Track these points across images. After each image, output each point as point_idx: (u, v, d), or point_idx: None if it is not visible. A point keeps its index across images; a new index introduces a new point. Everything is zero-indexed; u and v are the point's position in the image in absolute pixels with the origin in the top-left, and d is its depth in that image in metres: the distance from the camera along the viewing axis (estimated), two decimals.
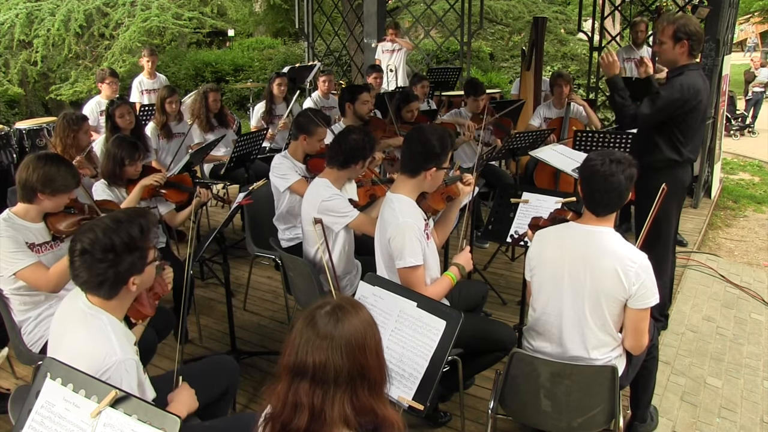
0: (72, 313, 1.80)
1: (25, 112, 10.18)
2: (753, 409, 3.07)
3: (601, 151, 2.22)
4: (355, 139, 2.90)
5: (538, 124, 5.26)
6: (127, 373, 1.67)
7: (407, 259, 2.32)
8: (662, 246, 3.40)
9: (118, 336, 1.72)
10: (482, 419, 2.80)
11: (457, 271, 2.46)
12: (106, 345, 1.68)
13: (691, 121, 3.14)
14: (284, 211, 3.50)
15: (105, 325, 1.73)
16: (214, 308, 3.96)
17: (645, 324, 2.16)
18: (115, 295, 1.76)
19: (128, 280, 1.75)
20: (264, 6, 15.21)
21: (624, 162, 2.12)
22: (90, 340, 1.70)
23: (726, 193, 7.04)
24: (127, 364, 1.68)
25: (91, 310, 1.76)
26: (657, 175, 3.21)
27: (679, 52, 3.09)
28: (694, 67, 3.13)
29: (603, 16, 8.08)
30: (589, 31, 8.30)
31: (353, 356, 1.29)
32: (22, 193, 2.51)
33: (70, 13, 8.43)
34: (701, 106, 3.12)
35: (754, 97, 11.92)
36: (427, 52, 12.20)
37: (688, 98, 3.04)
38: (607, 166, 2.10)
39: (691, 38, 3.04)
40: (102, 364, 1.64)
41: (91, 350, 1.68)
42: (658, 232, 3.32)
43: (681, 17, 3.13)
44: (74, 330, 1.76)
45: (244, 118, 9.80)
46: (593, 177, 2.13)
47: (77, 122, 3.74)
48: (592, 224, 2.19)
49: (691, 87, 3.04)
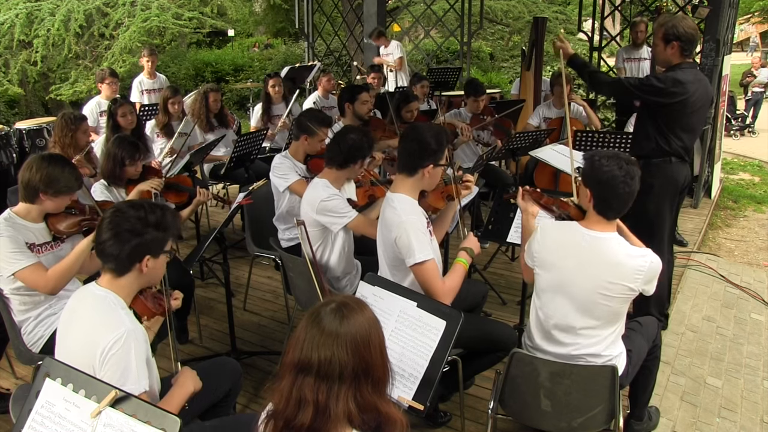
0: (81, 301, 1.86)
1: (25, 112, 10.19)
2: (753, 409, 3.07)
3: (605, 153, 2.13)
4: (354, 139, 2.89)
5: (536, 123, 5.26)
6: (137, 342, 1.74)
7: (417, 255, 2.31)
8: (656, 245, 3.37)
9: (126, 311, 1.81)
10: (482, 419, 2.80)
11: (466, 255, 2.45)
12: (116, 317, 1.76)
13: (677, 113, 3.13)
14: (284, 211, 3.50)
15: (114, 302, 1.81)
16: (214, 308, 3.95)
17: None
18: (127, 272, 1.82)
19: (144, 258, 1.81)
20: (264, 6, 15.21)
21: (634, 163, 2.10)
22: (100, 315, 1.78)
23: (726, 193, 7.04)
24: (137, 333, 1.76)
25: (101, 291, 1.83)
26: (651, 172, 3.20)
27: (670, 54, 3.12)
28: (686, 65, 3.13)
29: (603, 16, 8.08)
30: (589, 31, 8.30)
31: (358, 353, 1.30)
32: (24, 193, 2.51)
33: (70, 13, 8.43)
34: (689, 101, 3.08)
35: (754, 97, 11.92)
36: (427, 52, 12.20)
37: (665, 88, 3.04)
38: (625, 172, 2.05)
39: (680, 39, 3.05)
40: (113, 336, 1.70)
41: (101, 324, 1.75)
42: (651, 231, 3.31)
43: (671, 19, 3.14)
44: (84, 312, 1.83)
45: (244, 118, 9.81)
46: (611, 183, 2.05)
47: (75, 122, 3.74)
48: (599, 230, 2.15)
49: (672, 79, 3.05)
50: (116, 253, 1.78)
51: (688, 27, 3.09)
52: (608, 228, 2.16)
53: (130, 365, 1.70)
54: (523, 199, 2.48)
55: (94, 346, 1.70)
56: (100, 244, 1.80)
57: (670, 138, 3.18)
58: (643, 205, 3.31)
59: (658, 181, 3.24)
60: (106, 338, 1.70)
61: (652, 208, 3.28)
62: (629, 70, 6.10)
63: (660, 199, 3.29)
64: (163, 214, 1.85)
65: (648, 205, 3.27)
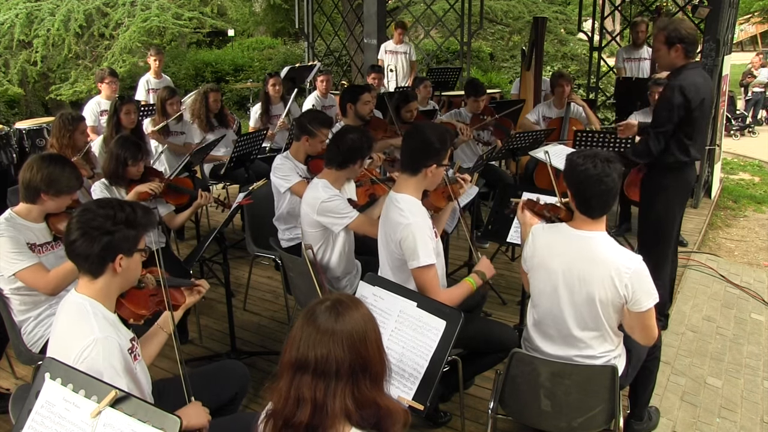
0: (62, 308, 1.84)
1: (25, 112, 10.17)
2: (753, 409, 3.07)
3: (582, 152, 2.13)
4: (353, 139, 2.89)
5: (534, 120, 5.25)
6: (105, 351, 1.68)
7: (421, 259, 2.32)
8: (663, 246, 3.40)
9: (98, 318, 1.75)
10: (482, 419, 2.80)
11: (477, 278, 2.43)
12: (86, 326, 1.71)
13: (697, 120, 3.14)
14: (285, 211, 3.50)
15: (87, 309, 1.76)
16: (214, 308, 3.95)
17: (650, 321, 2.12)
18: (101, 273, 1.77)
19: (116, 257, 1.76)
20: (264, 6, 15.20)
21: (612, 159, 2.07)
22: (72, 323, 1.75)
23: (726, 193, 7.03)
24: (107, 342, 1.69)
25: (77, 297, 1.79)
26: (664, 175, 3.22)
27: (674, 56, 3.11)
28: (692, 66, 3.14)
29: (603, 16, 8.08)
30: (589, 31, 8.31)
31: (355, 349, 1.30)
32: (25, 194, 2.51)
33: (70, 13, 8.43)
34: (705, 104, 3.12)
35: (754, 97, 11.92)
36: (427, 52, 12.20)
37: (691, 98, 3.04)
38: (600, 168, 2.03)
39: (684, 41, 3.05)
40: (81, 344, 1.67)
41: (72, 332, 1.72)
42: (660, 232, 3.31)
43: (671, 22, 3.14)
44: (62, 319, 1.81)
45: (244, 118, 9.79)
46: (587, 181, 2.04)
47: (73, 122, 3.73)
48: (586, 229, 2.14)
49: (691, 86, 3.04)
50: (86, 253, 1.74)
51: (690, 28, 3.11)
52: (595, 227, 2.14)
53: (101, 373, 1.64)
54: (522, 211, 2.49)
55: (67, 354, 1.67)
56: (69, 244, 1.75)
57: (687, 145, 3.17)
58: (655, 206, 3.32)
59: (672, 183, 3.25)
60: (75, 347, 1.67)
61: (663, 209, 3.29)
62: (629, 70, 6.11)
63: (672, 201, 3.30)
64: (133, 211, 1.80)
65: (659, 206, 3.29)
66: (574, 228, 2.17)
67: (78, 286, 1.82)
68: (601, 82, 8.67)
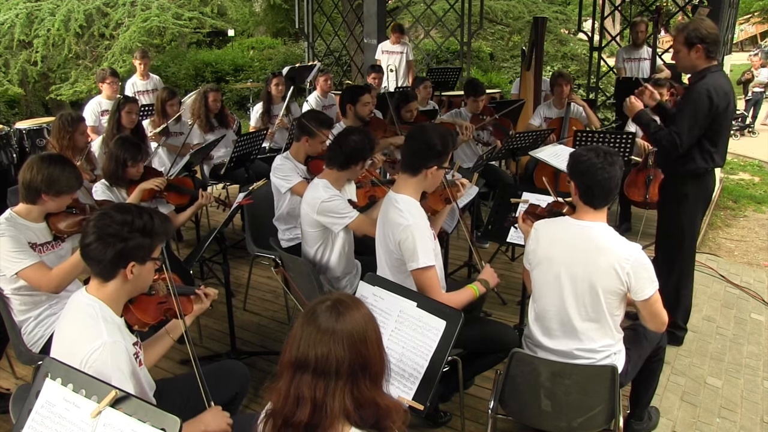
0: (70, 307, 1.84)
1: (25, 112, 10.18)
2: (753, 409, 3.07)
3: (586, 147, 2.22)
4: (355, 140, 2.90)
5: (538, 124, 5.26)
6: (113, 355, 1.69)
7: (421, 261, 2.33)
8: (687, 254, 3.28)
9: (107, 323, 1.76)
10: (482, 419, 2.80)
11: (480, 286, 2.44)
12: (95, 329, 1.72)
13: (721, 125, 3.03)
14: (285, 212, 3.50)
15: (97, 312, 1.77)
16: (214, 308, 3.92)
17: (657, 307, 2.17)
18: (112, 277, 1.78)
19: (128, 264, 1.76)
20: (264, 6, 15.20)
21: (614, 153, 2.17)
22: (81, 326, 1.75)
23: (726, 193, 7.03)
24: (115, 347, 1.71)
25: (88, 299, 1.79)
26: (685, 182, 3.13)
27: (695, 57, 2.99)
28: (715, 68, 3.01)
29: (603, 16, 8.08)
30: (589, 31, 8.31)
31: (355, 348, 1.31)
32: (25, 194, 2.51)
33: (70, 13, 8.43)
34: (730, 108, 3.01)
35: (754, 97, 11.91)
36: (427, 52, 12.20)
37: (718, 102, 2.93)
38: (602, 159, 2.13)
39: (705, 41, 2.94)
40: (89, 348, 1.68)
41: (81, 334, 1.72)
42: (682, 240, 3.23)
43: (690, 22, 3.05)
44: (71, 318, 1.81)
45: (244, 118, 9.79)
46: (591, 170, 2.13)
47: (73, 123, 3.73)
48: (588, 219, 2.20)
49: (719, 89, 2.93)
50: (99, 258, 1.74)
51: (711, 28, 2.97)
52: (597, 217, 2.20)
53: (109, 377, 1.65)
54: (524, 222, 2.51)
55: (73, 357, 1.68)
56: (84, 247, 1.77)
57: (712, 152, 3.07)
58: (676, 215, 3.21)
59: (693, 191, 3.16)
60: (83, 350, 1.68)
61: (684, 218, 3.20)
62: (629, 70, 6.10)
63: (693, 209, 3.20)
64: (150, 219, 1.80)
65: (681, 215, 3.20)
66: (576, 219, 2.23)
67: (89, 286, 1.82)
68: (601, 82, 8.67)
